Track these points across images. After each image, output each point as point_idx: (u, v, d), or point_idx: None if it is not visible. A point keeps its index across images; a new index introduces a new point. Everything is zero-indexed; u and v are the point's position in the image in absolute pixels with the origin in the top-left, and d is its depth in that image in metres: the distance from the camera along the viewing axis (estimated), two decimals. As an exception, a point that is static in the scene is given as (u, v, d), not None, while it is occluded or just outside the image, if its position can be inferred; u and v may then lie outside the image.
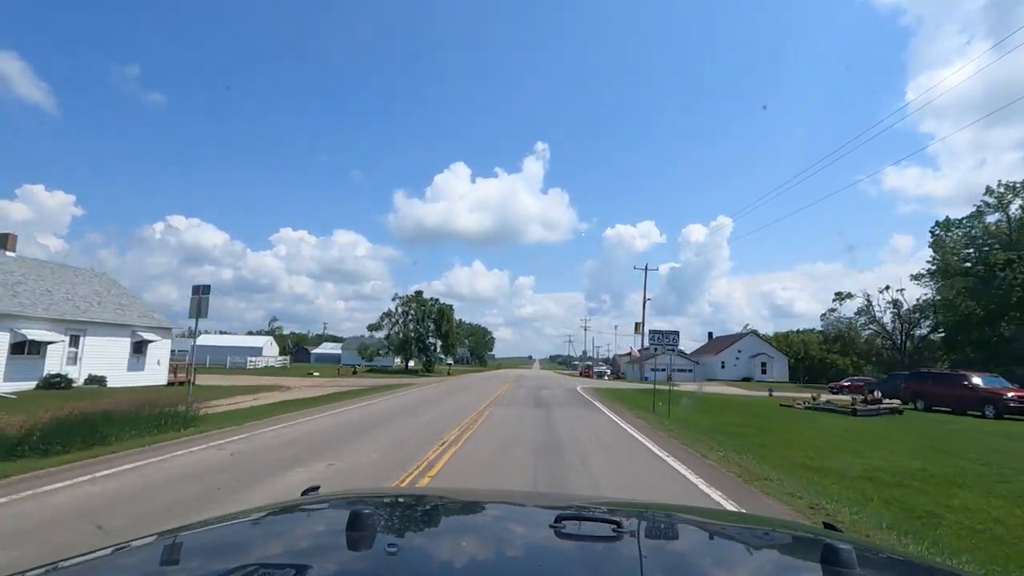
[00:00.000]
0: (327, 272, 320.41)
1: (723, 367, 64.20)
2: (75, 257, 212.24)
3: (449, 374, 63.05)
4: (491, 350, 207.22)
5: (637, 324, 55.26)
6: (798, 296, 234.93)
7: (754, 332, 65.19)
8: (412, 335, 68.22)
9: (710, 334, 76.51)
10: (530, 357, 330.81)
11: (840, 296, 57.27)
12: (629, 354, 63.59)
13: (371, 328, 70.07)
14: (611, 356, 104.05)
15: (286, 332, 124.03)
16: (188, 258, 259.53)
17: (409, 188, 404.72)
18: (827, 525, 1.76)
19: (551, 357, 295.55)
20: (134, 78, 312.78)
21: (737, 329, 74.73)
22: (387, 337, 67.32)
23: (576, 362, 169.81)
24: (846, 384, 41.82)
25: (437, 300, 71.46)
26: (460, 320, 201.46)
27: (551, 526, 1.26)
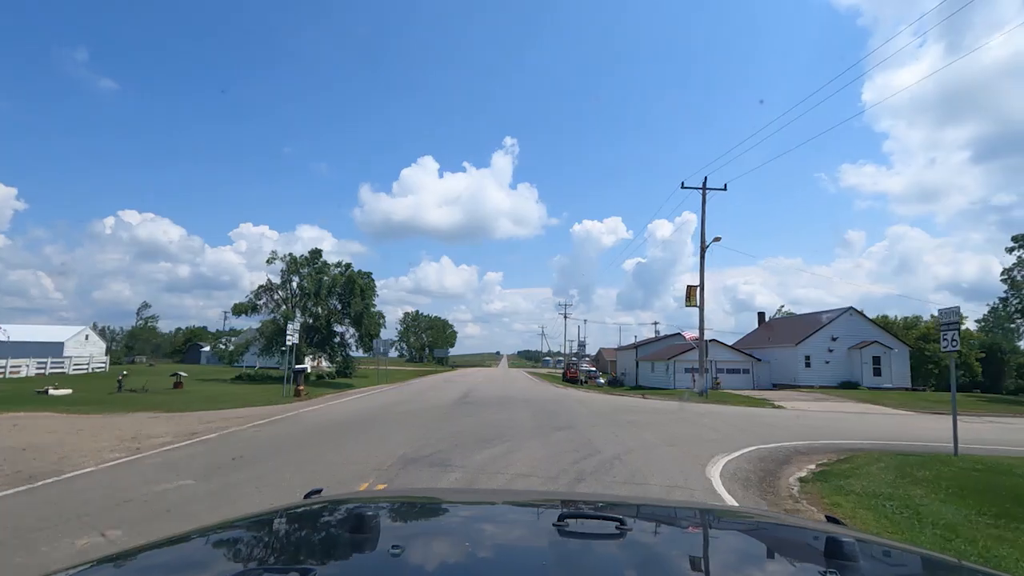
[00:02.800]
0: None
1: (808, 365, 39.94)
2: (18, 253, 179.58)
3: (396, 381, 36.81)
4: (452, 346, 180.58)
5: (691, 288, 30.14)
6: (759, 291, 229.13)
7: (853, 309, 41.04)
8: (309, 319, 42.10)
9: (761, 315, 52.21)
10: (498, 353, 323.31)
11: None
12: (689, 339, 38.50)
13: (238, 310, 43.12)
14: (582, 352, 78.99)
15: (184, 326, 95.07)
16: (142, 254, 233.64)
17: (376, 182, 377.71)
18: (830, 519, 1.70)
19: (519, 352, 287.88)
20: (83, 62, 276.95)
21: (720, 326, 50.36)
22: (261, 327, 40.82)
23: (548, 357, 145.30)
24: None
25: (349, 266, 45.00)
26: (418, 312, 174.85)
27: (554, 524, 1.26)
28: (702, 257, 29.66)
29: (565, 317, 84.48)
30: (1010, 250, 35.10)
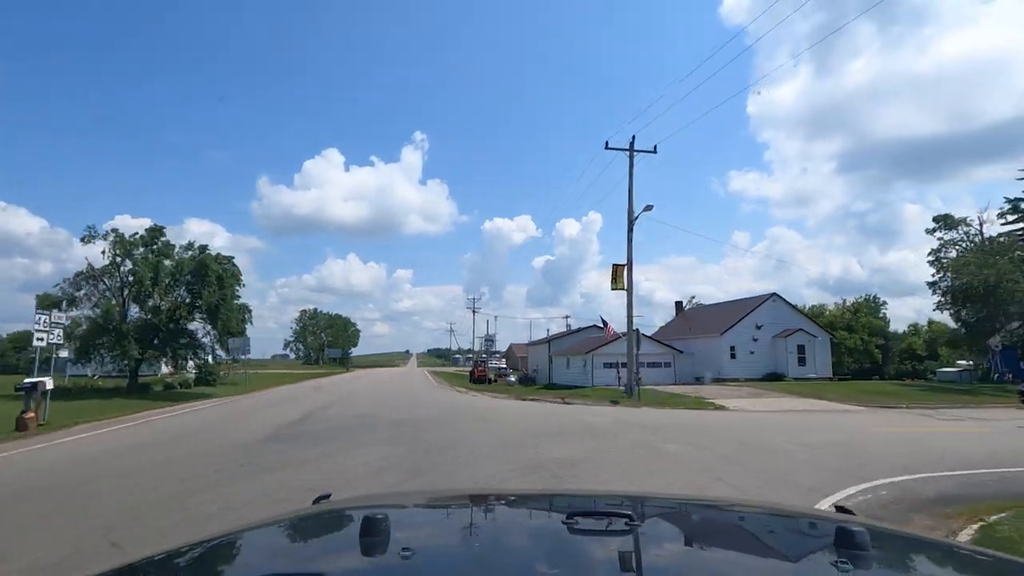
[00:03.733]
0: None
1: (733, 356, 37.00)
2: None
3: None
4: (355, 345, 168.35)
5: (618, 268, 25.46)
6: (658, 287, 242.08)
7: (777, 295, 38.68)
8: (146, 314, 33.00)
9: (679, 304, 49.44)
10: (408, 352, 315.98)
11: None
12: (607, 332, 33.80)
13: (46, 304, 32.58)
14: (491, 348, 74.06)
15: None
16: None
17: (276, 173, 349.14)
18: (839, 508, 1.68)
19: (430, 351, 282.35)
20: None
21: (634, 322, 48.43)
22: (70, 325, 30.96)
23: (458, 355, 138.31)
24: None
25: (205, 248, 36.00)
26: (316, 310, 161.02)
27: (564, 522, 1.26)
28: (630, 231, 24.97)
29: (474, 312, 78.66)
30: (931, 231, 34.18)
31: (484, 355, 57.95)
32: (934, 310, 34.06)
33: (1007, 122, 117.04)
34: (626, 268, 24.87)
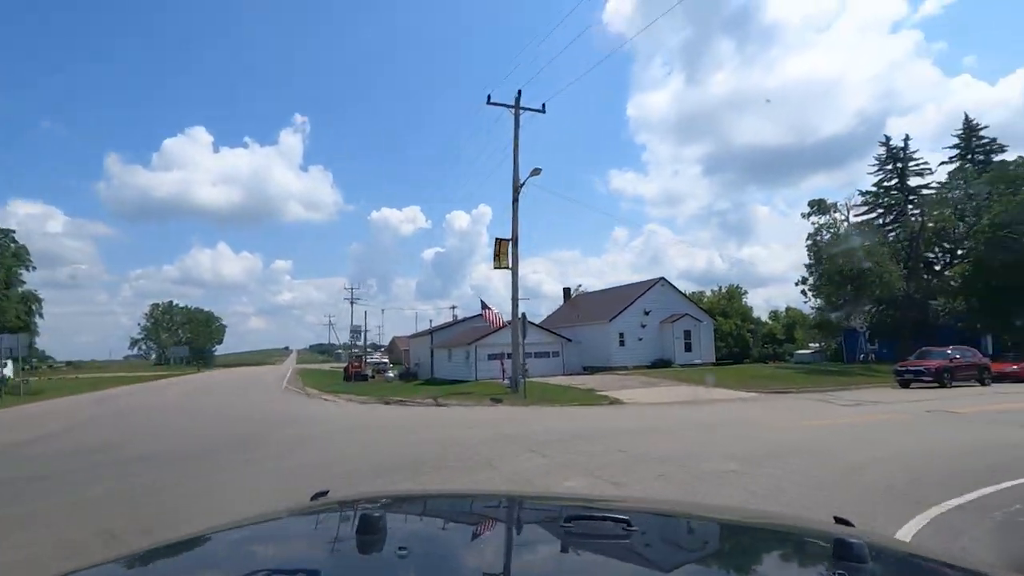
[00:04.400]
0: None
1: (622, 343, 35.25)
2: None
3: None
4: (220, 342, 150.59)
5: (501, 243, 21.88)
6: (545, 280, 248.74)
7: (664, 280, 37.58)
8: None
9: (567, 291, 47.33)
10: (287, 348, 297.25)
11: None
12: (485, 316, 29.94)
13: None
14: (356, 339, 68.70)
15: None
16: None
17: (129, 152, 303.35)
18: (839, 520, 1.57)
19: (312, 347, 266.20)
20: None
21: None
22: None
23: (340, 350, 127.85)
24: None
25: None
26: (172, 303, 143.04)
27: (561, 525, 1.25)
28: (515, 200, 21.48)
29: (352, 303, 71.95)
30: (806, 215, 34.81)
31: (357, 349, 52.17)
32: (809, 290, 34.63)
33: (835, 138, 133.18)
34: (511, 243, 21.35)
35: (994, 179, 31.70)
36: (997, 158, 35.98)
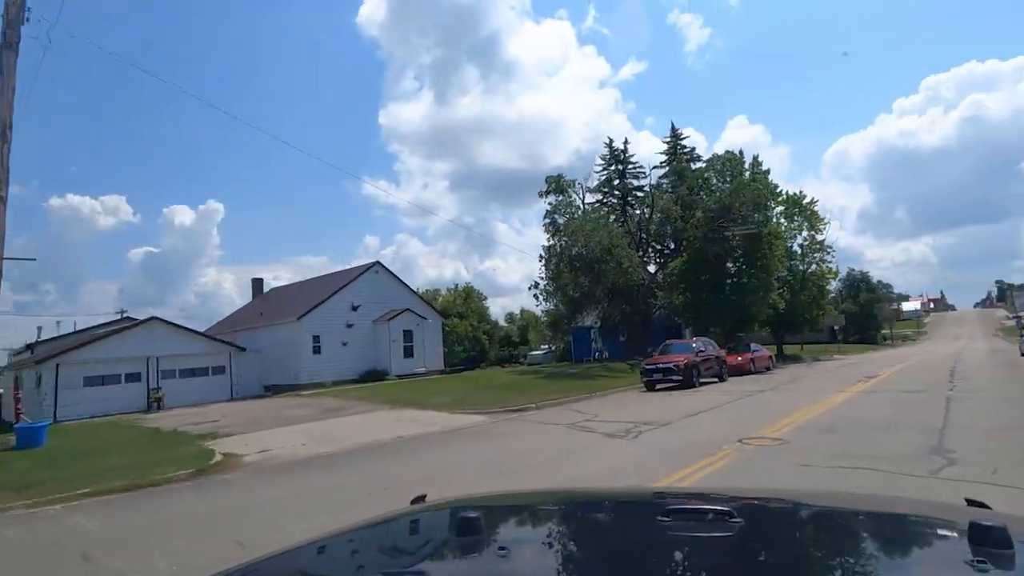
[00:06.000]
0: None
1: (318, 350, 24.89)
2: None
3: None
4: None
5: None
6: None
7: (380, 264, 28.50)
8: None
9: (257, 281, 34.52)
10: None
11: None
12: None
13: None
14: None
15: None
16: None
17: None
18: (971, 502, 1.41)
19: None
20: None
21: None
22: None
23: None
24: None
25: None
26: None
27: (662, 520, 1.22)
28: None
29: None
30: (544, 193, 30.29)
31: None
32: (540, 294, 30.06)
33: (559, 168, 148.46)
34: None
35: (710, 166, 32.13)
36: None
